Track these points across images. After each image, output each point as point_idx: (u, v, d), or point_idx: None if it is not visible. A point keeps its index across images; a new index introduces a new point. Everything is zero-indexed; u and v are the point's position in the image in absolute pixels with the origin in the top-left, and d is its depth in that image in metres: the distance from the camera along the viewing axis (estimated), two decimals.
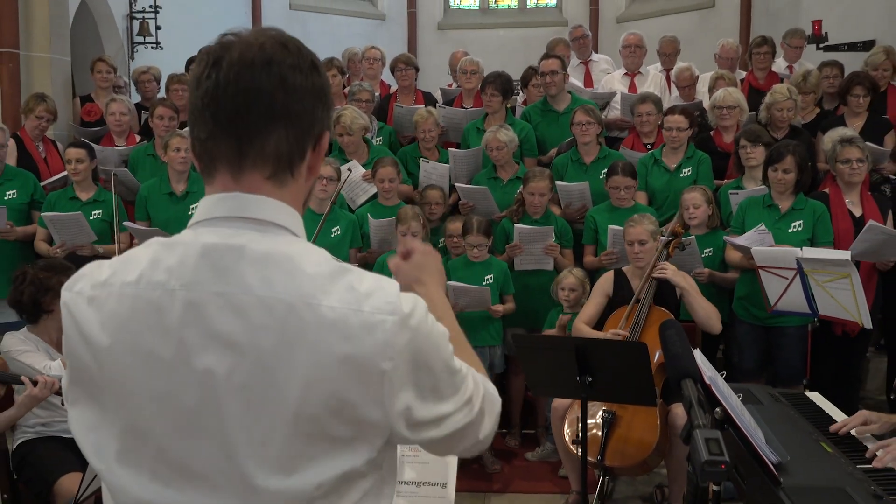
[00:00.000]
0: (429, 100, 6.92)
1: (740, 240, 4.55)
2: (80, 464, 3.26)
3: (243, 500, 1.15)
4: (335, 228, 5.12)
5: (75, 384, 1.25)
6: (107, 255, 5.14)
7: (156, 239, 1.25)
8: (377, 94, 6.94)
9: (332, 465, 1.15)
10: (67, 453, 3.39)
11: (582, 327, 4.41)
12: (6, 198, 5.34)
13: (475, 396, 1.27)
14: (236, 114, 1.17)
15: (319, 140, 1.26)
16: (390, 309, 1.15)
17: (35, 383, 3.10)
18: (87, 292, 1.22)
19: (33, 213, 5.44)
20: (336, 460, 1.15)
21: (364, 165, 5.66)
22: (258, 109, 1.17)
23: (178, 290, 1.15)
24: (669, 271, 4.31)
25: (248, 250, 1.16)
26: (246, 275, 1.15)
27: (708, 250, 4.89)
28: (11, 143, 5.80)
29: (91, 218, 5.26)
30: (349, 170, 5.39)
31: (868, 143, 4.96)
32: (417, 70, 7.03)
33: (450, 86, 7.91)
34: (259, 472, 1.13)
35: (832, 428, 2.76)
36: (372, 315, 1.14)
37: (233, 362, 1.13)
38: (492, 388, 1.34)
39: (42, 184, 5.62)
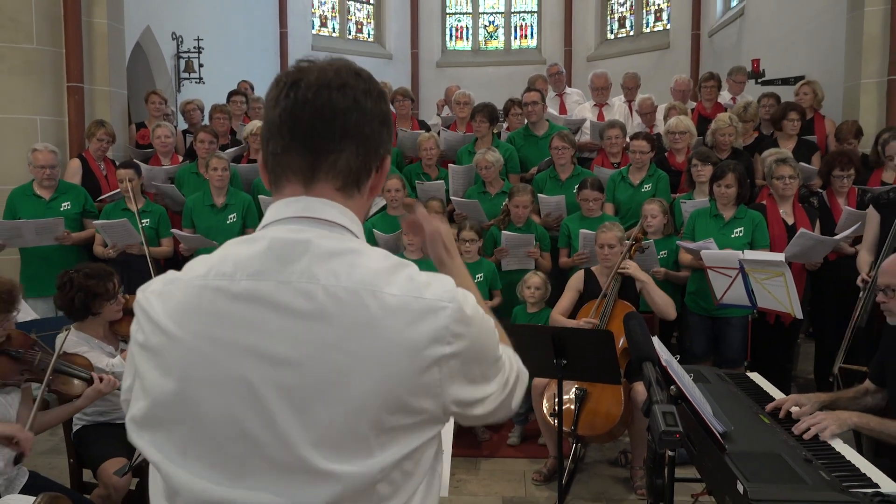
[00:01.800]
0: (423, 127, 6.98)
1: (692, 245, 4.56)
2: (126, 449, 3.20)
3: (309, 484, 1.02)
4: None
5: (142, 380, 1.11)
6: (154, 255, 5.17)
7: (233, 239, 1.16)
8: None
9: (395, 451, 1.04)
10: (114, 439, 3.30)
11: (558, 317, 4.41)
12: (62, 209, 5.33)
13: (510, 375, 1.19)
14: (313, 129, 1.08)
15: (383, 161, 1.17)
16: (449, 297, 1.06)
17: (101, 380, 3.11)
18: (158, 289, 1.11)
19: (85, 221, 5.45)
20: (398, 445, 1.04)
21: None
22: (333, 126, 1.08)
23: (243, 280, 1.05)
24: (631, 268, 4.32)
25: (314, 244, 1.07)
26: (311, 265, 1.05)
27: (663, 252, 4.90)
28: (76, 161, 5.83)
29: (140, 226, 5.25)
30: None
31: (800, 163, 4.97)
32: (413, 101, 7.10)
33: (438, 114, 7.95)
34: (321, 457, 1.01)
35: (769, 407, 2.76)
36: (432, 301, 1.05)
37: (296, 349, 1.02)
38: (519, 363, 1.25)
39: (101, 198, 5.61)
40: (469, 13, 13.68)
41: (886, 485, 2.12)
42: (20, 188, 5.37)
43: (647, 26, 12.35)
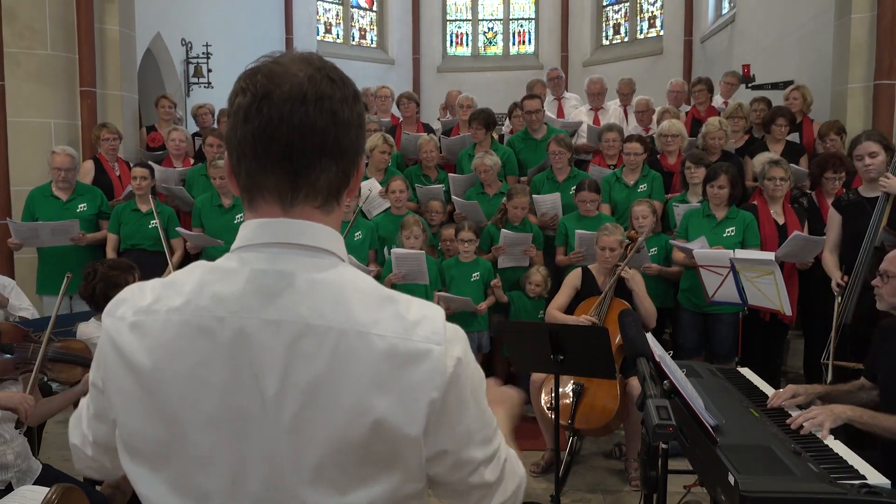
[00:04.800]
0: (427, 129, 6.97)
1: (685, 245, 4.56)
2: None
3: None
4: (357, 233, 5.16)
5: (103, 416, 1.06)
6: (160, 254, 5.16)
7: (200, 263, 1.05)
8: (388, 121, 6.98)
9: (383, 484, 0.98)
10: None
11: (555, 313, 4.41)
12: (78, 210, 5.33)
13: (501, 454, 1.08)
14: (291, 149, 0.97)
15: (359, 167, 1.07)
16: (437, 339, 0.97)
17: None
18: (129, 318, 1.00)
19: (100, 222, 5.44)
20: (386, 479, 0.98)
21: (381, 182, 5.66)
22: (313, 146, 0.98)
23: (227, 318, 0.96)
24: (631, 276, 4.34)
25: (298, 278, 0.98)
26: (296, 302, 0.96)
27: (653, 249, 4.91)
28: (89, 163, 5.84)
29: (149, 227, 5.28)
30: (370, 189, 5.43)
31: (791, 165, 4.97)
32: (417, 104, 7.09)
33: (439, 119, 7.95)
34: (312, 493, 0.96)
35: (769, 403, 2.75)
36: (420, 344, 0.96)
37: (282, 389, 0.95)
38: (516, 460, 1.13)
39: (115, 200, 5.62)
40: (469, 20, 13.67)
41: (873, 476, 2.12)
42: (38, 189, 5.37)
43: (641, 33, 12.34)
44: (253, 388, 0.95)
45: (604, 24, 12.85)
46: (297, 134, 0.97)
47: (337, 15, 12.85)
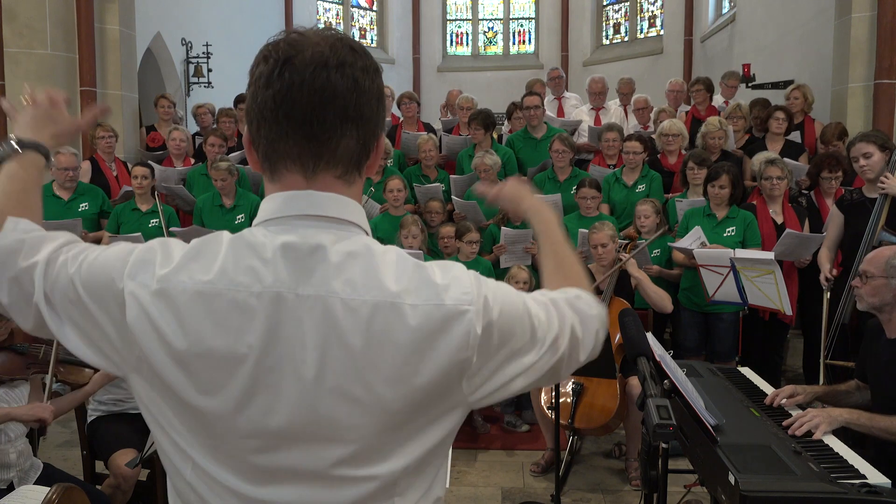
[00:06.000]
0: (428, 129, 6.96)
1: (681, 243, 4.56)
2: (138, 441, 3.18)
3: (336, 489, 0.97)
4: None
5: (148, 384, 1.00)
6: None
7: (225, 233, 1.01)
8: (388, 121, 6.97)
9: (418, 447, 0.99)
10: (127, 430, 3.27)
11: None
12: (79, 209, 5.34)
13: (561, 336, 1.06)
14: (312, 114, 0.96)
15: (379, 140, 1.06)
16: (469, 299, 0.97)
17: None
18: (152, 285, 0.95)
19: (101, 221, 5.46)
20: (421, 441, 0.99)
21: (378, 182, 5.66)
22: (334, 110, 0.96)
23: (263, 292, 0.94)
24: (630, 265, 4.32)
25: (330, 251, 0.96)
26: (330, 277, 0.95)
27: (656, 251, 4.90)
28: (86, 163, 5.84)
29: (150, 225, 5.28)
30: (367, 201, 5.47)
31: (788, 160, 4.98)
32: (419, 104, 7.08)
33: (441, 118, 7.95)
34: (350, 467, 0.96)
35: (766, 401, 2.76)
36: (453, 308, 0.96)
37: (321, 365, 0.94)
38: (585, 312, 1.11)
39: (113, 200, 5.62)
40: (469, 19, 13.67)
41: (873, 476, 2.12)
42: None
43: (641, 32, 12.34)
44: (289, 365, 0.94)
45: (604, 24, 12.86)
46: (318, 98, 0.96)
47: (337, 14, 12.85)
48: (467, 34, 13.66)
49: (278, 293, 0.94)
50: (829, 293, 4.23)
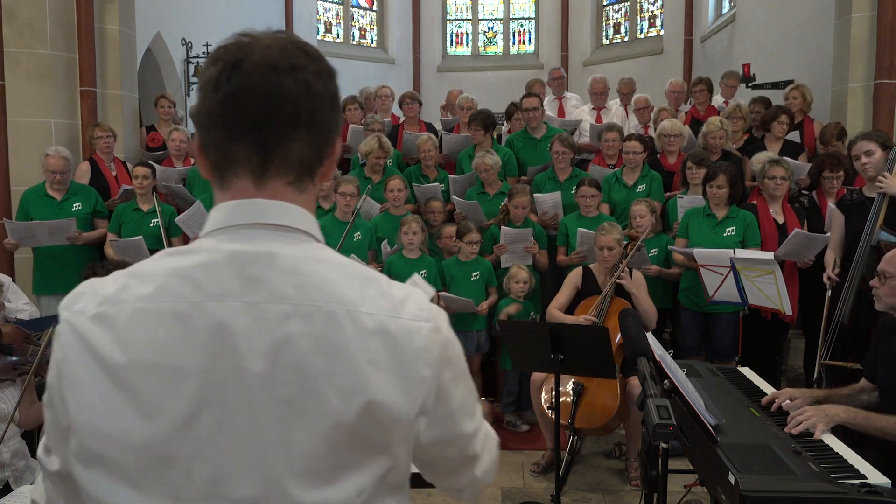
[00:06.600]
0: (430, 129, 6.95)
1: (684, 250, 4.59)
2: None
3: None
4: (357, 234, 5.15)
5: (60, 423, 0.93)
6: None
7: (168, 250, 0.98)
8: (388, 121, 6.98)
9: (371, 470, 0.94)
10: None
11: (555, 312, 4.40)
12: (73, 209, 5.34)
13: (482, 426, 1.10)
14: (261, 118, 0.92)
15: (334, 147, 1.02)
16: (424, 316, 0.96)
17: None
18: (91, 310, 0.92)
19: (95, 220, 5.45)
20: (375, 465, 0.94)
21: (378, 182, 5.66)
22: (284, 115, 0.93)
23: (205, 302, 0.90)
24: (626, 280, 4.32)
25: (279, 258, 0.93)
26: (280, 283, 0.91)
27: (654, 250, 4.91)
28: (85, 164, 5.84)
29: (150, 225, 5.28)
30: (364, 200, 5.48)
31: (790, 159, 4.99)
32: (420, 104, 7.08)
33: (441, 117, 7.96)
34: (300, 486, 0.90)
35: (764, 401, 2.74)
36: (409, 322, 0.94)
37: (270, 375, 0.89)
38: (492, 430, 1.15)
39: (110, 200, 5.62)
40: (469, 19, 13.67)
41: (873, 476, 2.12)
42: (33, 189, 5.38)
43: (641, 32, 12.34)
44: (236, 375, 0.89)
45: (604, 24, 12.85)
46: (266, 102, 0.92)
47: (337, 14, 12.84)
48: (467, 34, 13.66)
49: (224, 303, 0.90)
50: (829, 291, 4.23)
